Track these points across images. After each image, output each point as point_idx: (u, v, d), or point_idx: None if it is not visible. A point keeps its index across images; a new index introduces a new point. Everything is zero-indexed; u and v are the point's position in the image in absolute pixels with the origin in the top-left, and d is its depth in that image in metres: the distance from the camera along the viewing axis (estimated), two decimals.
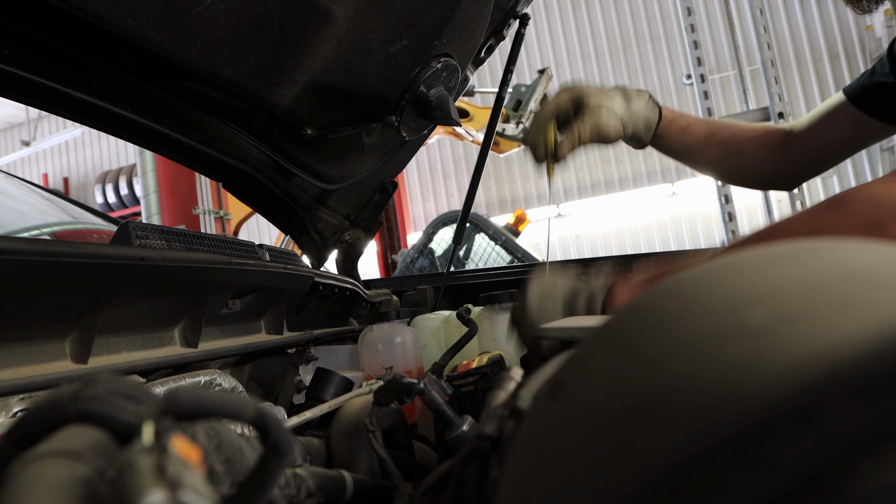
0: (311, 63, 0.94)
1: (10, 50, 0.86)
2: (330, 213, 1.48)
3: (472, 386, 0.88)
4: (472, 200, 1.60)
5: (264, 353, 1.08)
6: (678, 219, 7.30)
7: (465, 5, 1.03)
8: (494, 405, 0.44)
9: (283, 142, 1.23)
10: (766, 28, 3.99)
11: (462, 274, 1.86)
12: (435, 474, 0.54)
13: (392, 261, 5.63)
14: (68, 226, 1.66)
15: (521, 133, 4.66)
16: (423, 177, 8.41)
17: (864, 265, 0.26)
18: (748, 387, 0.21)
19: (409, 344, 1.27)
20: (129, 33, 0.75)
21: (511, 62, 1.45)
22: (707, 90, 4.00)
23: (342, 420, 0.85)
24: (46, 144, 9.74)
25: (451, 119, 1.08)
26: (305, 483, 0.60)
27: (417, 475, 0.79)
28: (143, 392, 0.31)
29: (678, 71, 7.35)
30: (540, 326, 0.79)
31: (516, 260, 4.65)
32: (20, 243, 0.56)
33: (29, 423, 0.29)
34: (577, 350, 0.32)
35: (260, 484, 0.30)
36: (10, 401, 0.57)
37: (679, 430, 0.21)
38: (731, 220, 4.01)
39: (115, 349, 0.73)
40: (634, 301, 0.30)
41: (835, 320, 0.22)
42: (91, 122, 1.03)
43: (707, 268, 0.30)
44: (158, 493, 0.22)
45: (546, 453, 0.27)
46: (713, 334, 0.24)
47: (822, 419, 0.19)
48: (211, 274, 0.84)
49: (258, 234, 8.42)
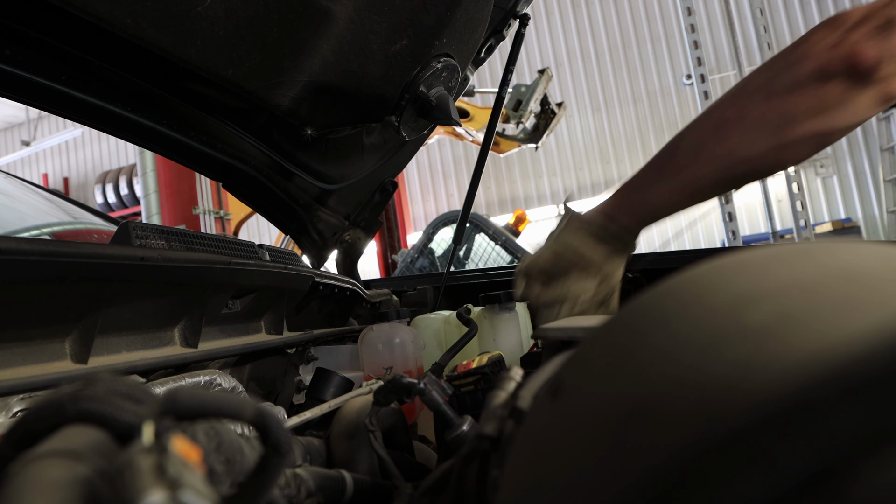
0: (311, 63, 0.94)
1: (10, 50, 0.86)
2: (330, 213, 1.48)
3: (472, 386, 0.88)
4: (472, 200, 1.60)
5: (264, 353, 1.08)
6: (678, 218, 7.30)
7: (465, 5, 1.03)
8: (494, 405, 0.44)
9: (283, 142, 1.23)
10: (766, 28, 3.99)
11: (462, 274, 1.86)
12: (435, 474, 0.54)
13: (392, 261, 5.63)
14: (68, 226, 1.66)
15: (521, 134, 4.67)
16: (423, 177, 8.42)
17: (863, 265, 0.26)
18: (748, 387, 0.21)
19: (409, 344, 1.27)
20: (129, 33, 0.75)
21: (511, 62, 1.45)
22: (707, 90, 4.01)
23: (342, 420, 0.85)
24: (46, 144, 9.75)
25: (451, 119, 1.08)
26: (305, 483, 0.60)
27: (417, 475, 0.79)
28: (143, 392, 0.31)
29: (678, 71, 7.36)
30: (541, 326, 0.79)
31: (516, 260, 4.65)
32: (20, 243, 0.56)
33: (29, 423, 0.29)
34: (578, 350, 0.32)
35: (260, 484, 0.30)
36: (10, 401, 0.57)
37: (679, 430, 0.21)
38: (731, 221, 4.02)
39: (115, 349, 0.73)
40: (635, 301, 0.30)
41: (834, 320, 0.22)
42: (91, 122, 1.03)
43: (707, 268, 0.30)
44: (158, 493, 0.22)
45: (546, 453, 0.27)
46: (713, 334, 0.24)
47: (822, 419, 0.19)
48: (211, 274, 0.84)
49: (258, 234, 8.42)
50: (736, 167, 0.70)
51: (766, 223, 5.11)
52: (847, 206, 6.82)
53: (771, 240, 4.85)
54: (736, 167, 0.70)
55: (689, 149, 0.74)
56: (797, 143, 0.66)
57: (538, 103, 4.49)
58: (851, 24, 0.64)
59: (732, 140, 0.69)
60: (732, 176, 0.71)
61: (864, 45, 0.62)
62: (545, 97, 4.55)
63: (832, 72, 0.64)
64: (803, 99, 0.65)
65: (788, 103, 0.66)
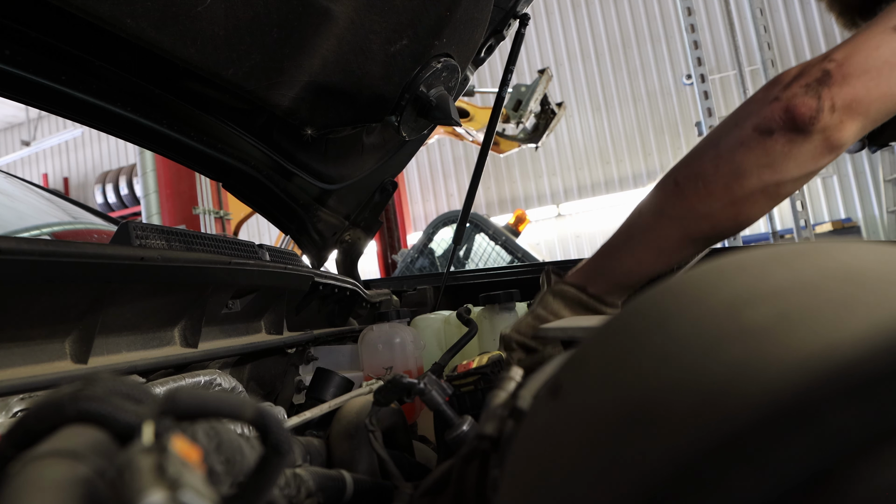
0: (311, 63, 0.94)
1: (10, 50, 0.86)
2: (330, 213, 1.48)
3: (472, 386, 0.88)
4: (472, 200, 1.60)
5: (264, 353, 1.08)
6: None
7: (465, 5, 1.03)
8: (494, 405, 0.44)
9: (283, 142, 1.23)
10: (766, 28, 3.99)
11: (462, 274, 1.86)
12: (435, 474, 0.54)
13: (392, 261, 5.63)
14: (68, 226, 1.66)
15: (521, 134, 4.67)
16: (423, 177, 8.41)
17: (863, 265, 0.26)
18: (748, 387, 0.21)
19: (409, 344, 1.27)
20: (129, 33, 0.75)
21: (511, 62, 1.45)
22: (707, 90, 4.01)
23: (342, 420, 0.85)
24: (46, 144, 9.74)
25: (451, 119, 1.08)
26: (305, 483, 0.60)
27: (417, 475, 0.79)
28: (143, 392, 0.31)
29: (678, 71, 7.35)
30: (540, 327, 0.79)
31: (516, 260, 4.65)
32: (20, 243, 0.56)
33: (29, 423, 0.29)
34: (578, 350, 0.32)
35: (260, 484, 0.30)
36: (10, 401, 0.57)
37: (679, 430, 0.21)
38: None
39: (115, 349, 0.73)
40: (635, 301, 0.30)
41: (834, 320, 0.22)
42: (91, 122, 1.03)
43: (707, 268, 0.30)
44: (158, 493, 0.22)
45: (546, 453, 0.27)
46: (713, 334, 0.24)
47: (822, 419, 0.19)
48: (211, 274, 0.84)
49: (258, 234, 8.42)
50: (696, 224, 0.73)
51: (765, 223, 5.11)
52: (847, 206, 6.82)
53: (771, 240, 4.85)
54: (696, 224, 0.73)
55: (653, 210, 0.77)
56: (750, 197, 0.70)
57: (538, 103, 4.49)
58: (790, 79, 0.68)
59: (690, 198, 0.72)
60: (695, 233, 0.74)
61: (801, 98, 0.66)
62: (545, 97, 4.55)
63: (773, 126, 0.67)
64: (750, 154, 0.69)
65: (737, 159, 0.69)
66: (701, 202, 0.71)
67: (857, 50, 0.67)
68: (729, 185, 0.69)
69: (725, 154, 0.70)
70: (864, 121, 0.67)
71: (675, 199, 0.73)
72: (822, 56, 0.69)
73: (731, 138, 0.70)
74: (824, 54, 0.69)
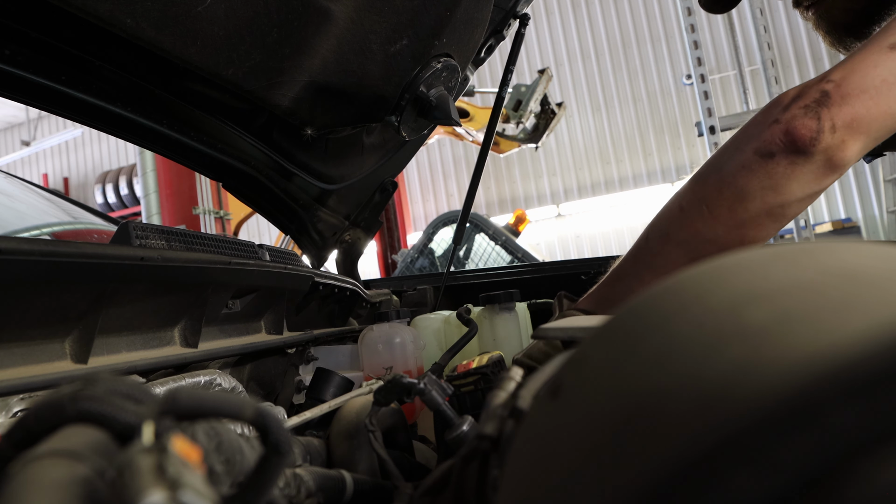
0: (311, 63, 0.94)
1: (10, 50, 0.86)
2: (330, 213, 1.48)
3: (472, 386, 0.88)
4: (472, 200, 1.60)
5: (264, 353, 1.08)
6: None
7: (465, 5, 1.03)
8: (494, 405, 0.44)
9: (283, 142, 1.23)
10: (766, 28, 3.99)
11: (462, 274, 1.86)
12: (435, 474, 0.54)
13: (392, 261, 5.63)
14: (68, 226, 1.66)
15: (521, 134, 4.67)
16: (423, 177, 8.41)
17: (863, 266, 0.26)
18: (748, 387, 0.21)
19: (409, 344, 1.27)
20: (129, 33, 0.75)
21: (511, 62, 1.45)
22: (707, 90, 4.00)
23: (342, 420, 0.85)
24: (46, 144, 9.74)
25: (451, 119, 1.08)
26: (305, 483, 0.60)
27: (417, 475, 0.79)
28: (143, 392, 0.31)
29: (678, 71, 7.35)
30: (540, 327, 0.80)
31: (516, 260, 4.65)
32: (20, 243, 0.56)
33: (29, 423, 0.29)
34: (577, 350, 0.32)
35: (260, 484, 0.30)
36: (10, 401, 0.57)
37: (679, 431, 0.21)
38: None
39: (115, 349, 0.73)
40: (635, 301, 0.30)
41: (835, 320, 0.22)
42: (91, 122, 1.03)
43: (707, 267, 0.30)
44: (158, 493, 0.22)
45: (546, 453, 0.27)
46: (713, 334, 0.24)
47: (822, 419, 0.19)
48: (211, 274, 0.84)
49: (258, 234, 8.42)
50: (702, 249, 0.73)
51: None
52: (847, 206, 6.82)
53: (771, 239, 4.84)
54: (702, 249, 0.73)
55: (659, 235, 0.77)
56: (755, 220, 0.70)
57: (538, 103, 4.49)
58: (789, 101, 0.68)
59: (696, 223, 0.72)
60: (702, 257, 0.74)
61: (801, 120, 0.66)
62: (545, 97, 4.56)
63: (773, 149, 0.68)
64: (753, 177, 0.69)
65: (740, 182, 0.69)
66: (706, 226, 0.71)
67: (854, 69, 0.67)
68: (733, 209, 0.69)
69: (728, 178, 0.70)
70: (866, 139, 0.67)
71: (681, 224, 0.74)
72: (819, 77, 0.69)
73: (734, 162, 0.70)
74: (822, 75, 0.69)
